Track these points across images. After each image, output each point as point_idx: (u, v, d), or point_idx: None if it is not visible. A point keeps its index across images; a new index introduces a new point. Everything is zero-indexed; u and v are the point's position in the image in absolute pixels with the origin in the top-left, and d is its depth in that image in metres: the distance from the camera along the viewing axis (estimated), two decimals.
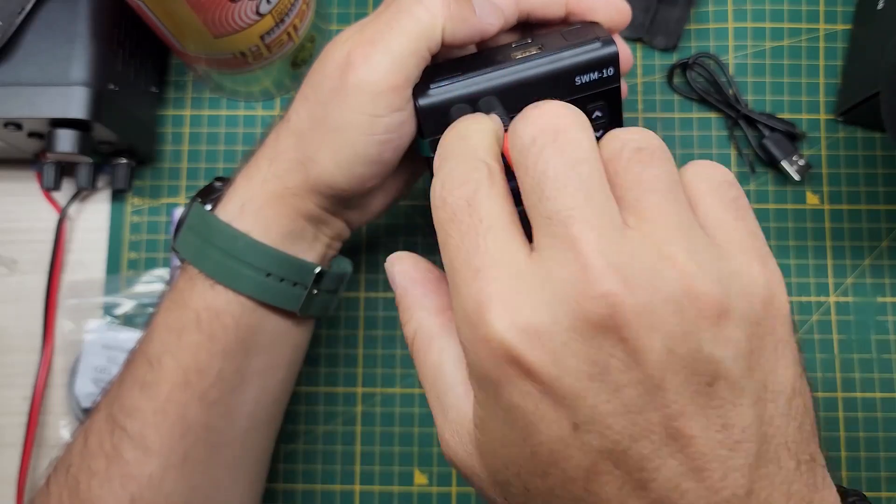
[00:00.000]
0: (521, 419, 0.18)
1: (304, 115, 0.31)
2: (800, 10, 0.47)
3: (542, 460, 0.18)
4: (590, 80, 0.31)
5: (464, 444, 0.21)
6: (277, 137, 0.32)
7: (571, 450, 0.17)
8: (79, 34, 0.39)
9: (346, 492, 0.43)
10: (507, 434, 0.19)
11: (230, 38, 0.38)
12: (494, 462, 0.20)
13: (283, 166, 0.32)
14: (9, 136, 0.40)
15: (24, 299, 0.45)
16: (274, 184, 0.32)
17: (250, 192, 0.32)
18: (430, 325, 0.24)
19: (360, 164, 0.31)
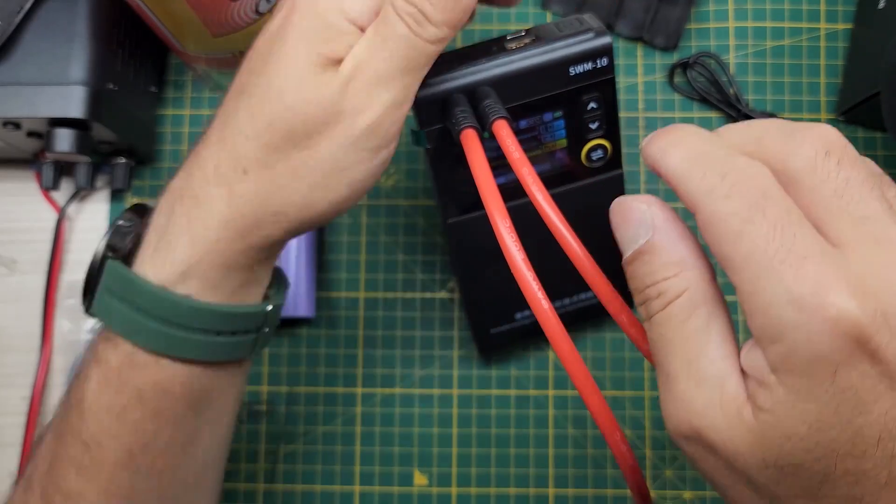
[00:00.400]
0: (853, 399, 0.19)
1: (263, 149, 0.27)
2: (801, 9, 0.47)
3: (865, 441, 0.19)
4: (584, 70, 0.32)
5: (727, 419, 0.21)
6: (225, 173, 0.27)
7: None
8: (78, 33, 0.38)
9: (346, 492, 0.43)
10: (827, 416, 0.19)
11: (230, 38, 0.38)
12: (786, 444, 0.20)
13: (244, 219, 0.27)
14: (8, 136, 0.40)
15: (23, 299, 0.45)
16: (230, 244, 0.27)
17: (196, 253, 0.27)
18: (703, 288, 0.22)
19: (354, 200, 0.28)
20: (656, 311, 0.23)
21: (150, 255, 0.28)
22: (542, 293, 0.26)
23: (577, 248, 0.27)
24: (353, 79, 0.26)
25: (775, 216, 0.20)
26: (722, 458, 0.21)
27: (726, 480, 0.21)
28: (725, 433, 0.20)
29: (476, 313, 0.40)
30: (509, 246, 0.26)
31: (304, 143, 0.27)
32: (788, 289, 0.19)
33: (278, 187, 0.27)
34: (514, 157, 0.28)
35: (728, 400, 0.21)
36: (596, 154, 0.35)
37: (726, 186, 0.21)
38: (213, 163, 0.27)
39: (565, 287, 0.40)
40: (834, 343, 0.18)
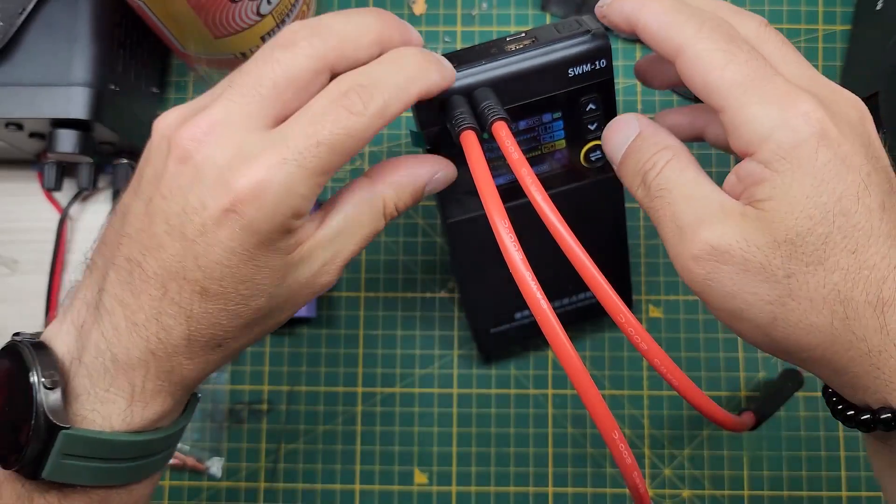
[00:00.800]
0: (833, 170, 0.24)
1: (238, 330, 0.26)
2: (799, 10, 0.47)
3: (849, 199, 0.24)
4: (582, 71, 0.32)
5: (735, 222, 0.25)
6: (153, 302, 0.25)
7: (873, 177, 0.25)
8: (80, 34, 0.39)
9: (347, 491, 0.43)
10: (819, 185, 0.24)
11: (231, 39, 0.38)
12: (791, 218, 0.24)
13: (176, 358, 0.26)
14: (10, 137, 0.40)
15: (26, 299, 0.45)
16: (160, 383, 0.26)
17: (123, 406, 0.26)
18: (687, 155, 0.28)
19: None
20: (654, 179, 0.27)
21: (123, 407, 0.26)
22: (541, 293, 0.26)
23: (576, 247, 0.27)
24: (308, 259, 0.27)
25: (748, 52, 0.26)
26: (736, 258, 0.25)
27: (739, 285, 0.25)
28: (737, 233, 0.25)
29: (476, 313, 0.40)
30: (508, 246, 0.26)
31: (273, 317, 0.28)
32: (771, 98, 0.25)
33: (250, 340, 0.28)
34: (513, 157, 0.28)
35: (729, 210, 0.25)
36: (595, 154, 0.35)
37: (706, 30, 0.26)
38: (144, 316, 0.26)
39: (564, 287, 0.41)
40: (810, 130, 0.24)
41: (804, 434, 0.43)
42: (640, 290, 0.45)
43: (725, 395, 0.44)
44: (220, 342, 0.27)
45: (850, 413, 0.25)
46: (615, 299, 0.27)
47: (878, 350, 0.24)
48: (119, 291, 0.26)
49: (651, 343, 0.27)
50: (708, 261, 0.25)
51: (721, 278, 0.25)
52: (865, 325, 0.24)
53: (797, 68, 0.27)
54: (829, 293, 0.24)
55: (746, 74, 0.25)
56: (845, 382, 0.25)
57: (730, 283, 0.25)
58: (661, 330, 0.44)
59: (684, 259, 0.26)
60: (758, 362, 0.44)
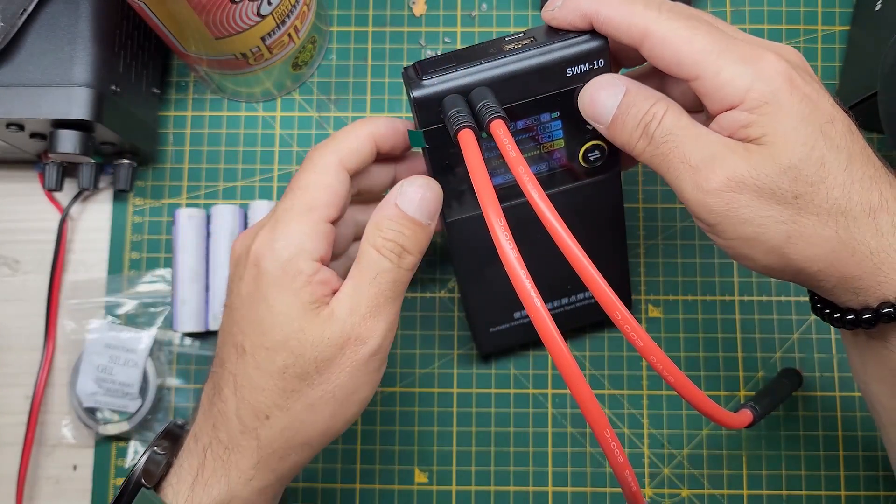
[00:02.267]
0: (811, 102, 0.28)
1: (280, 395, 0.30)
2: (798, 11, 0.47)
3: (831, 127, 0.28)
4: (581, 71, 0.32)
5: (744, 156, 0.28)
6: (249, 423, 0.30)
7: (835, 109, 0.29)
8: (81, 35, 0.39)
9: (347, 490, 0.43)
10: (804, 116, 0.28)
11: (231, 40, 0.39)
12: (789, 147, 0.27)
13: (274, 455, 0.30)
14: (11, 137, 0.41)
15: (27, 299, 0.45)
16: (262, 480, 0.31)
17: (232, 491, 0.30)
18: (679, 106, 0.30)
19: (362, 411, 0.32)
20: (655, 129, 0.29)
21: (186, 490, 0.30)
22: (535, 291, 0.26)
23: (573, 245, 0.27)
24: (351, 315, 0.30)
25: (706, 24, 0.29)
26: (750, 186, 0.28)
27: (755, 210, 0.28)
28: (748, 165, 0.28)
29: (475, 312, 0.41)
30: (504, 244, 0.26)
31: (316, 381, 0.30)
32: (741, 59, 0.28)
33: (300, 422, 0.30)
34: (510, 156, 0.28)
35: (734, 147, 0.28)
36: (593, 154, 0.35)
37: (665, 12, 0.29)
38: (235, 415, 0.30)
39: (563, 287, 0.41)
40: (781, 78, 0.28)
41: (803, 433, 0.43)
42: (640, 290, 0.45)
43: (725, 394, 0.44)
44: (266, 412, 0.30)
45: (849, 317, 0.29)
46: (611, 296, 0.27)
47: (877, 250, 0.28)
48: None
49: (647, 340, 0.27)
50: (726, 192, 0.28)
51: (738, 207, 0.28)
52: (864, 231, 0.28)
53: (741, 33, 0.30)
54: (832, 206, 0.28)
55: (713, 43, 0.28)
56: (849, 287, 0.29)
57: (746, 210, 0.28)
58: (661, 330, 0.45)
59: (702, 194, 0.28)
60: (757, 362, 0.44)
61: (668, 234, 0.45)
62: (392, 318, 0.31)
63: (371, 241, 0.30)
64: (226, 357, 0.31)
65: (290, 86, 0.46)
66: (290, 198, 0.31)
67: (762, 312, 0.45)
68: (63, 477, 0.44)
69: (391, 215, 0.31)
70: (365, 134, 0.32)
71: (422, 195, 0.31)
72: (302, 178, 0.31)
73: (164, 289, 0.45)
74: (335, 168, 0.31)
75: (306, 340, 0.29)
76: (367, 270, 0.30)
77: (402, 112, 0.47)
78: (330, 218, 0.31)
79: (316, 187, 0.31)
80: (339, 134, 0.32)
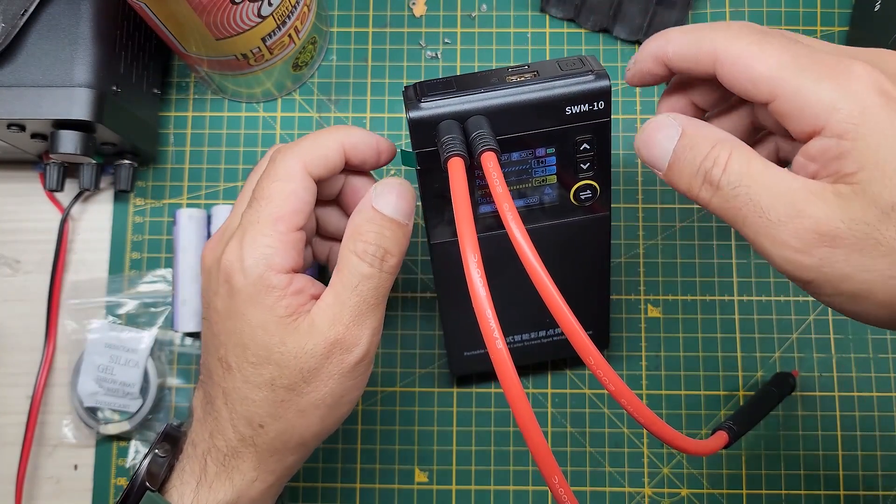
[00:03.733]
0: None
1: (271, 405, 0.30)
2: (797, 11, 0.47)
3: None
4: (580, 111, 0.31)
5: (834, 204, 0.24)
6: (244, 431, 0.31)
7: None
8: (81, 36, 0.39)
9: (347, 490, 0.44)
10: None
11: (232, 41, 0.39)
12: (890, 187, 0.23)
13: (273, 457, 0.31)
14: (12, 138, 0.41)
15: (28, 299, 0.45)
16: (264, 482, 0.31)
17: (236, 493, 0.31)
18: (745, 146, 0.26)
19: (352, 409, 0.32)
20: (719, 176, 0.26)
21: (191, 493, 0.31)
22: (499, 332, 0.26)
23: (550, 286, 0.26)
24: (334, 325, 0.30)
25: (780, 38, 0.26)
26: (847, 240, 0.24)
27: (856, 266, 0.24)
28: (839, 213, 0.24)
29: (451, 334, 0.40)
30: (475, 281, 0.26)
31: (305, 389, 0.30)
32: (823, 74, 0.24)
33: (294, 427, 0.31)
34: (496, 191, 0.28)
35: (819, 192, 0.24)
36: (585, 194, 0.35)
37: (734, 30, 0.26)
38: (230, 425, 0.31)
39: (543, 320, 0.40)
40: (872, 93, 0.24)
41: (802, 433, 0.44)
42: (640, 290, 0.45)
43: (724, 394, 0.44)
44: (260, 421, 0.30)
45: None
46: (584, 340, 0.26)
47: None
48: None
49: (619, 384, 0.26)
50: (817, 248, 0.24)
51: (834, 263, 0.24)
52: None
53: (823, 44, 0.27)
54: None
55: (791, 58, 0.25)
56: None
57: (845, 266, 0.24)
58: (660, 330, 0.45)
59: (788, 253, 0.25)
60: (756, 362, 0.44)
61: (668, 234, 0.45)
62: (377, 324, 0.31)
63: (351, 247, 0.30)
64: (212, 369, 0.32)
65: (290, 86, 0.47)
66: (255, 208, 0.30)
67: (761, 312, 0.45)
68: (64, 477, 0.44)
69: (370, 218, 0.30)
70: (333, 141, 0.32)
71: (398, 194, 0.31)
72: (266, 187, 0.31)
73: (164, 289, 0.45)
74: (300, 174, 0.31)
75: (288, 353, 0.30)
76: (348, 278, 0.30)
77: (401, 113, 0.47)
78: (297, 226, 0.31)
79: (281, 196, 0.30)
80: (305, 139, 0.32)
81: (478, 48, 0.47)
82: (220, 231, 0.33)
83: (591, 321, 0.40)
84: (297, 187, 0.30)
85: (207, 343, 0.32)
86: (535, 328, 0.41)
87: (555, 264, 0.27)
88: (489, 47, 0.47)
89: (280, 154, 0.31)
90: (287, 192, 0.30)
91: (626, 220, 0.45)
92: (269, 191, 0.30)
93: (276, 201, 0.30)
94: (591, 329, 0.41)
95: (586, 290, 0.39)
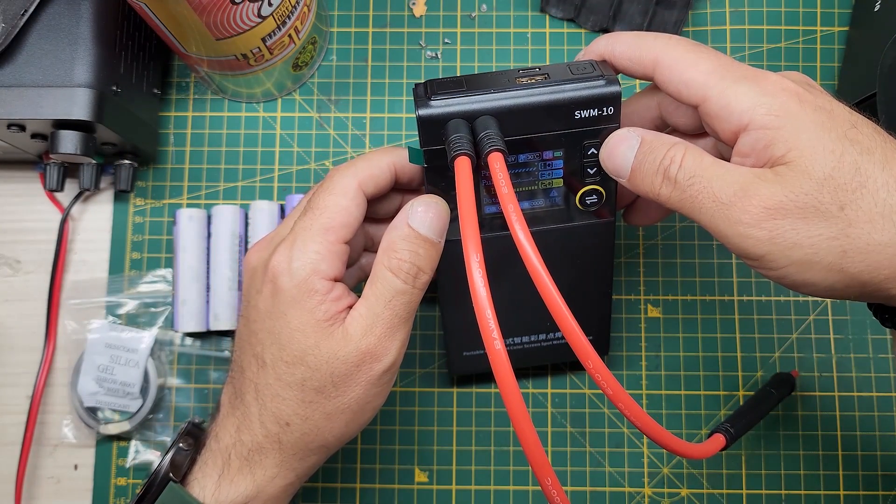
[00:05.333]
0: (825, 114, 0.28)
1: (300, 405, 0.32)
2: (797, 12, 0.47)
3: (855, 130, 0.27)
4: (589, 115, 0.31)
5: (775, 182, 0.27)
6: (271, 428, 0.32)
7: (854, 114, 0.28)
8: (82, 36, 0.39)
9: (347, 489, 0.44)
10: (822, 123, 0.27)
11: (232, 41, 0.39)
12: (819, 161, 0.27)
13: (294, 457, 0.32)
14: (12, 138, 0.41)
15: (28, 299, 0.45)
16: (284, 479, 0.33)
17: (256, 488, 0.32)
18: (697, 147, 0.29)
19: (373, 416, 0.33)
20: (677, 172, 0.29)
21: (213, 486, 0.32)
22: (498, 333, 0.26)
23: (552, 289, 0.26)
24: (366, 336, 0.31)
25: (708, 50, 0.30)
26: (790, 209, 0.26)
27: (802, 232, 0.27)
28: (782, 189, 0.27)
29: (452, 334, 0.40)
30: (476, 281, 0.26)
31: (333, 393, 0.31)
32: (745, 79, 0.28)
33: (318, 429, 0.32)
34: (502, 192, 0.28)
35: (761, 174, 0.27)
36: (590, 198, 0.35)
37: (673, 42, 0.30)
38: (258, 420, 0.32)
39: (544, 323, 0.40)
40: (787, 94, 0.28)
41: (802, 433, 0.44)
42: (640, 290, 0.45)
43: (724, 394, 0.44)
44: (287, 419, 0.32)
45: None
46: (584, 344, 0.26)
47: None
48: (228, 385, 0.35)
49: (617, 388, 0.27)
50: (766, 221, 0.27)
51: (784, 233, 0.27)
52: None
53: (741, 63, 0.31)
54: (883, 208, 0.26)
55: (718, 65, 0.29)
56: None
57: (793, 234, 0.27)
58: (660, 330, 0.45)
59: (742, 228, 0.27)
60: (756, 362, 0.44)
61: (668, 234, 0.45)
62: (405, 336, 0.32)
63: (386, 262, 0.31)
64: (245, 366, 0.33)
65: (290, 86, 0.47)
66: (308, 217, 0.32)
67: (761, 312, 0.45)
68: (64, 476, 0.44)
69: (405, 235, 0.31)
70: (386, 162, 0.33)
71: (434, 213, 0.32)
72: (321, 199, 0.32)
73: (164, 289, 0.45)
74: (353, 191, 0.32)
75: (322, 356, 0.31)
76: (382, 293, 0.31)
77: (401, 112, 0.47)
78: (345, 239, 0.32)
79: (334, 209, 0.32)
80: (361, 159, 0.33)
81: (478, 48, 0.47)
82: (270, 236, 0.35)
83: (592, 326, 0.40)
84: (349, 203, 0.32)
85: (242, 340, 0.33)
86: (535, 331, 0.41)
87: (557, 268, 0.27)
88: (489, 47, 0.47)
89: (338, 171, 0.33)
90: (340, 206, 0.32)
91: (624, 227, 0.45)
92: (323, 203, 0.32)
93: (328, 213, 0.32)
94: (591, 334, 0.41)
95: (588, 294, 0.39)
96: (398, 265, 0.31)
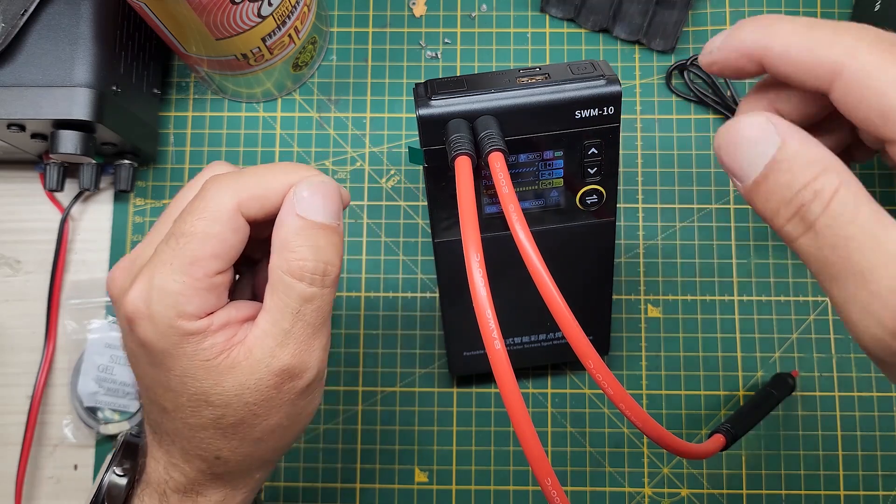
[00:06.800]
0: None
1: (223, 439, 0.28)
2: (797, 12, 0.47)
3: None
4: (589, 115, 0.31)
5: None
6: (200, 466, 0.29)
7: None
8: (82, 36, 0.39)
9: (347, 490, 0.44)
10: None
11: (232, 41, 0.39)
12: None
13: (237, 475, 0.29)
14: (12, 138, 0.41)
15: (28, 299, 0.45)
16: (233, 497, 0.30)
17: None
18: (855, 179, 0.20)
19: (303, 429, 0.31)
20: (819, 214, 0.20)
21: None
22: (498, 333, 0.25)
23: (553, 289, 0.26)
24: (276, 358, 0.26)
25: None
26: None
27: None
28: None
29: (452, 334, 0.40)
30: (476, 281, 0.26)
31: (254, 421, 0.27)
32: None
33: (252, 453, 0.28)
34: (503, 191, 0.28)
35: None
36: (591, 199, 0.35)
37: (867, 38, 0.21)
38: (183, 461, 0.28)
39: (544, 323, 0.40)
40: None
41: (802, 433, 0.44)
42: (640, 290, 0.45)
43: (724, 394, 0.44)
44: (215, 454, 0.28)
45: None
46: (584, 344, 0.26)
47: None
48: None
49: (618, 388, 0.27)
50: None
51: None
52: None
53: None
54: None
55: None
56: None
57: None
58: (660, 330, 0.45)
59: (881, 331, 0.19)
60: (756, 362, 0.44)
61: (668, 234, 0.45)
62: (325, 341, 0.28)
63: (284, 266, 0.26)
64: (150, 410, 0.29)
65: (290, 86, 0.47)
66: (171, 245, 0.26)
67: (761, 312, 0.45)
68: (64, 476, 0.44)
69: (297, 229, 0.26)
70: (279, 184, 0.27)
71: (322, 194, 0.27)
72: (188, 222, 0.26)
73: None
74: (229, 215, 0.26)
75: (228, 392, 0.26)
76: (287, 303, 0.26)
77: (401, 112, 0.47)
78: (218, 270, 0.26)
79: (202, 238, 0.26)
80: (248, 172, 0.27)
81: (478, 48, 0.47)
82: (133, 255, 0.28)
83: (592, 326, 0.40)
84: (222, 230, 0.26)
85: (138, 381, 0.29)
86: (536, 331, 0.41)
87: (558, 268, 0.27)
88: (489, 47, 0.47)
89: (214, 186, 0.27)
90: (210, 234, 0.26)
91: (626, 220, 0.45)
92: (190, 228, 0.26)
93: (195, 242, 0.26)
94: (591, 334, 0.41)
95: (588, 294, 0.39)
96: (299, 266, 0.26)
